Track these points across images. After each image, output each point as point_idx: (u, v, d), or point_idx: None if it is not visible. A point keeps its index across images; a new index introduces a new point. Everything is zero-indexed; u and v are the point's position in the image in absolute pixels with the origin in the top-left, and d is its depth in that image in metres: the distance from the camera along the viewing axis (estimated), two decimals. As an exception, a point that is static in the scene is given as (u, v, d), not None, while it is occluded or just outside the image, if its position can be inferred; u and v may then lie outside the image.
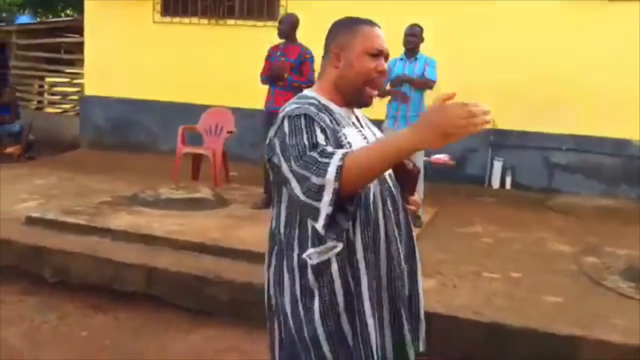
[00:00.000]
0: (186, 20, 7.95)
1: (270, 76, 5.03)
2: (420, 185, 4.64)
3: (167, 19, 8.04)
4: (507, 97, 6.63)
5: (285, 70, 4.96)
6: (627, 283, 3.80)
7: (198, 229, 4.44)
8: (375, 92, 1.69)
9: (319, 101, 1.64)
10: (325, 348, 1.61)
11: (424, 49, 5.17)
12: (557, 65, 6.62)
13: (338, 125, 1.61)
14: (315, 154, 1.46)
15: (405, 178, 1.68)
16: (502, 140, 7.01)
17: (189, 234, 4.28)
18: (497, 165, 7.01)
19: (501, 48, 6.75)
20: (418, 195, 1.83)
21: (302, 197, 1.47)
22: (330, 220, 1.45)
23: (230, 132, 6.36)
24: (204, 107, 6.87)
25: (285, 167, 1.52)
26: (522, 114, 6.79)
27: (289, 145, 1.51)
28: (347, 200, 1.47)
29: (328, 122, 1.58)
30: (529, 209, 6.13)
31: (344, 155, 1.42)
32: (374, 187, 1.63)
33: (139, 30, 8.20)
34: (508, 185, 7.01)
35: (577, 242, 4.84)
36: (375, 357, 1.64)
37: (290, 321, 1.66)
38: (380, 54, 1.65)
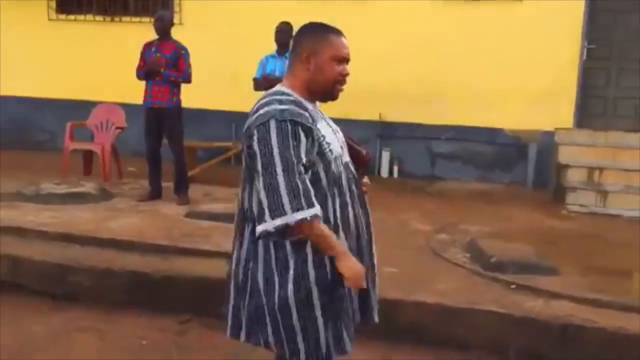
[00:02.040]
0: (81, 17, 7.96)
1: (146, 72, 5.19)
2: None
3: (62, 16, 8.03)
4: (393, 92, 7.09)
5: (161, 66, 5.14)
6: (463, 254, 4.22)
7: (71, 221, 4.55)
8: (342, 88, 1.95)
9: (296, 98, 1.86)
10: (295, 317, 1.83)
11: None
12: (437, 62, 7.12)
13: (313, 121, 1.83)
14: (300, 184, 1.71)
15: (360, 163, 2.08)
16: (389, 132, 7.45)
17: (60, 226, 4.39)
18: (385, 156, 7.45)
19: (385, 48, 7.17)
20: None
21: (264, 200, 1.73)
22: (266, 232, 1.75)
23: (121, 128, 6.46)
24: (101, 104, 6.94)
25: (261, 168, 1.74)
26: (406, 107, 7.26)
27: (275, 152, 1.72)
28: (289, 234, 1.76)
29: (310, 120, 1.81)
30: (409, 195, 6.57)
31: (315, 216, 1.72)
32: (344, 173, 1.92)
33: (34, 28, 8.15)
34: (395, 174, 7.47)
35: (438, 222, 5.26)
36: (347, 325, 1.90)
37: (263, 293, 1.86)
38: (345, 60, 1.93)
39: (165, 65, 5.16)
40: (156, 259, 3.90)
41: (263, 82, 5.22)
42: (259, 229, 1.74)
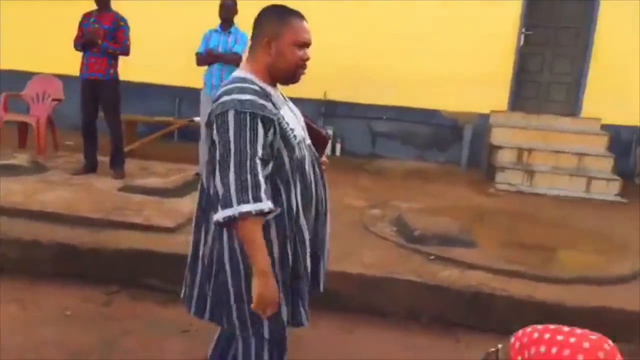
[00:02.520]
0: (16, -14, 7.67)
1: (84, 43, 5.09)
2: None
3: (-4, -17, 7.71)
4: (337, 71, 7.14)
5: (99, 37, 5.04)
6: (391, 228, 4.39)
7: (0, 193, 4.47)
8: (303, 72, 1.95)
9: (258, 85, 1.85)
10: None
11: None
12: (381, 44, 7.22)
13: (276, 108, 1.84)
14: (249, 178, 1.70)
15: (319, 143, 2.11)
16: (332, 111, 7.55)
17: (-13, 198, 4.31)
18: (328, 134, 7.54)
19: (331, 28, 7.19)
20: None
21: (219, 190, 1.74)
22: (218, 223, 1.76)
23: (58, 100, 6.32)
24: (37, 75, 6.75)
25: (219, 157, 1.75)
26: (350, 87, 7.35)
27: (231, 143, 1.72)
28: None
29: (272, 109, 1.81)
30: (350, 172, 6.70)
31: (260, 211, 1.70)
32: (307, 155, 1.95)
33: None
34: (338, 152, 7.59)
35: (372, 198, 5.42)
36: (304, 299, 1.96)
37: (228, 273, 1.88)
38: (306, 45, 1.91)
39: (103, 37, 5.06)
40: (85, 231, 3.89)
41: (206, 57, 5.20)
42: (214, 218, 1.76)
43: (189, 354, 2.92)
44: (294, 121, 1.92)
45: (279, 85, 2.00)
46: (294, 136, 1.88)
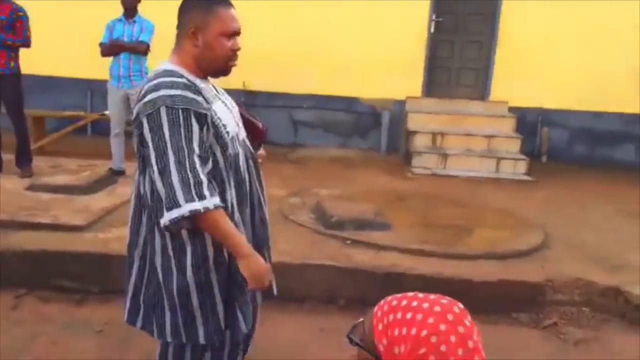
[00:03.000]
0: None
1: (-22, 35, 4.80)
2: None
3: None
4: (256, 61, 7.06)
5: (-5, 29, 4.78)
6: (309, 215, 4.47)
7: None
8: (234, 64, 1.84)
9: (187, 79, 1.74)
10: (195, 302, 1.78)
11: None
12: (299, 33, 7.25)
13: (207, 102, 1.74)
14: (191, 176, 1.64)
15: (256, 135, 1.99)
16: (252, 101, 7.51)
17: None
18: (249, 124, 7.52)
19: (248, 18, 7.16)
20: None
21: (160, 192, 1.66)
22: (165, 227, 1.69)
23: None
24: None
25: (155, 159, 1.66)
26: (269, 76, 7.34)
27: (167, 142, 1.64)
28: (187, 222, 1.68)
29: (204, 104, 1.72)
30: (272, 162, 6.67)
31: (207, 208, 1.65)
32: (241, 150, 1.85)
33: None
34: (260, 142, 7.58)
35: (293, 187, 5.48)
36: (244, 303, 1.87)
37: (161, 279, 1.78)
38: (236, 34, 1.81)
39: (1, 29, 4.80)
40: (-10, 233, 3.71)
41: (110, 48, 5.05)
42: (161, 223, 1.68)
43: (103, 354, 2.86)
44: (226, 116, 1.83)
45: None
46: (227, 132, 1.79)
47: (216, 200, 1.69)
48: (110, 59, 5.13)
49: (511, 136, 7.00)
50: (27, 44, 4.95)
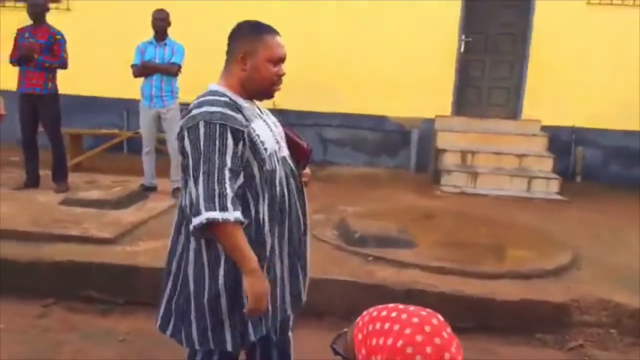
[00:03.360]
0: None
1: (20, 57, 5.05)
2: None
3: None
4: (286, 81, 7.13)
5: (35, 51, 5.01)
6: (333, 232, 4.48)
7: None
8: (278, 88, 1.96)
9: (230, 98, 1.86)
10: (224, 312, 1.86)
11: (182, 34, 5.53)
12: (328, 53, 7.35)
13: (247, 120, 1.84)
14: (217, 188, 1.72)
15: (300, 155, 2.07)
16: (283, 120, 7.57)
17: None
18: (279, 143, 7.62)
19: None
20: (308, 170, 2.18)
21: (193, 200, 1.75)
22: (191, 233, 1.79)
23: (0, 115, 6.21)
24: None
25: (191, 170, 1.77)
26: (299, 96, 7.41)
27: (201, 154, 1.75)
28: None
29: (242, 121, 1.82)
30: (300, 180, 6.78)
31: (226, 220, 1.71)
32: (280, 167, 1.94)
33: None
34: (289, 161, 7.66)
35: (319, 204, 5.47)
36: (276, 309, 1.96)
37: (192, 288, 1.87)
38: (281, 61, 1.93)
39: (39, 51, 5.04)
40: (22, 245, 3.85)
41: (142, 69, 5.23)
42: (190, 229, 1.78)
43: (124, 362, 2.93)
44: (266, 134, 1.91)
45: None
46: (265, 149, 1.87)
47: (237, 214, 1.74)
48: (141, 80, 5.31)
49: (543, 155, 6.88)
50: (64, 65, 5.17)
